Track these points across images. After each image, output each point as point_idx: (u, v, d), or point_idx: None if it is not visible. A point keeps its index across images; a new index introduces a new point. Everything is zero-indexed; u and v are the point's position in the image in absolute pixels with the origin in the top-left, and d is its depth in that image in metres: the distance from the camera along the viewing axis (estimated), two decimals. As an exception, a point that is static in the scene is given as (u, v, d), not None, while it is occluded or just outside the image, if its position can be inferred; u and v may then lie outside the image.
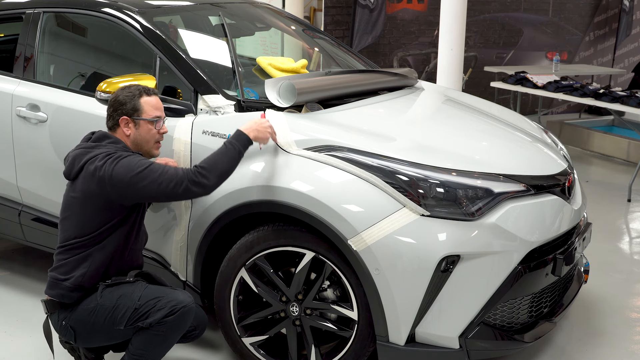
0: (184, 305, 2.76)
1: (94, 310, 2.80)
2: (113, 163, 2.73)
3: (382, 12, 8.52)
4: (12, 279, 4.20)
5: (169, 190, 2.72)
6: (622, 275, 4.44)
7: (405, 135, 3.18)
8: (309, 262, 2.96)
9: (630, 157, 7.24)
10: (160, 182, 2.71)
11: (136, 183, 2.71)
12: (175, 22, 3.95)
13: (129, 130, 2.89)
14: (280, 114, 3.13)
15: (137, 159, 2.77)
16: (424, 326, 2.84)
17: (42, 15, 3.84)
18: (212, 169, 2.76)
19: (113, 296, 2.80)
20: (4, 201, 3.90)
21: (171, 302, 2.74)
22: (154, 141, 2.94)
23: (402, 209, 2.81)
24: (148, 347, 2.77)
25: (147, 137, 2.91)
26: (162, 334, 2.75)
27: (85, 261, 2.82)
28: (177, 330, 2.79)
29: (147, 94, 2.91)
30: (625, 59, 10.38)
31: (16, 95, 3.75)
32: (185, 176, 2.72)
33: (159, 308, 2.73)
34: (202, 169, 2.75)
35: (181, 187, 2.72)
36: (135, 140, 2.90)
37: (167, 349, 2.85)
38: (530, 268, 2.92)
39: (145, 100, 2.89)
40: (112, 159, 2.74)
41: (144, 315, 2.74)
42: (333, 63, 4.39)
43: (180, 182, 2.71)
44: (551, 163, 3.32)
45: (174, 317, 2.73)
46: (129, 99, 2.88)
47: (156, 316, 2.72)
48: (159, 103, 2.95)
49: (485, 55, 9.24)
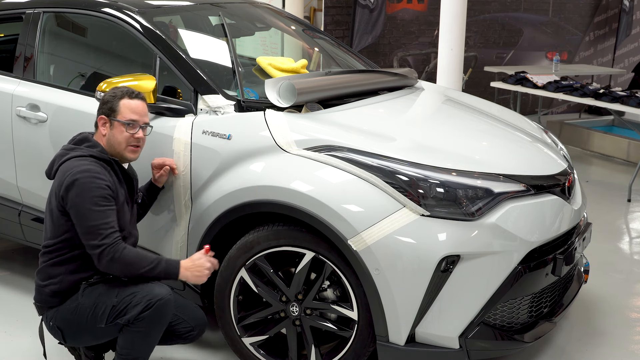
0: (160, 298, 2.73)
1: (76, 310, 2.81)
2: (72, 177, 2.73)
3: (382, 12, 8.52)
4: (12, 279, 4.20)
5: (87, 243, 2.72)
6: (622, 275, 4.44)
7: (405, 135, 3.18)
8: (309, 262, 2.96)
9: (630, 157, 7.24)
10: (88, 230, 2.70)
11: (76, 212, 2.72)
12: (175, 22, 3.95)
13: (104, 130, 2.90)
14: (280, 114, 3.14)
15: (94, 193, 2.71)
16: (424, 326, 2.84)
17: (42, 15, 3.84)
18: (127, 264, 2.71)
19: (93, 295, 2.80)
20: (4, 201, 3.90)
21: (147, 297, 2.72)
22: (127, 145, 2.89)
23: (402, 209, 2.81)
24: (132, 344, 2.76)
25: (120, 139, 2.88)
26: (143, 330, 2.74)
27: (61, 266, 2.83)
28: (157, 325, 2.77)
29: (130, 97, 2.90)
30: (625, 59, 10.38)
31: (16, 95, 3.75)
32: (107, 247, 2.69)
33: (135, 303, 2.71)
34: (120, 259, 2.70)
35: (97, 250, 2.69)
36: (109, 141, 2.90)
37: (152, 344, 2.83)
38: (530, 268, 2.92)
39: (124, 103, 2.88)
40: (73, 173, 2.73)
41: (122, 312, 2.73)
42: (333, 63, 4.39)
43: (100, 246, 2.69)
44: (551, 163, 3.32)
45: (150, 311, 2.71)
46: (110, 98, 2.90)
47: (133, 312, 2.71)
48: (140, 108, 2.92)
49: (485, 55, 9.24)
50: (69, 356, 3.14)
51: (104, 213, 2.72)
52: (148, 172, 3.19)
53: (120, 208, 2.84)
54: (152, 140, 3.26)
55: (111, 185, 2.78)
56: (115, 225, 2.75)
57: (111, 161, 2.87)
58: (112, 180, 2.81)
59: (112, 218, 2.74)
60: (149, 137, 3.26)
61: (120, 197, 2.84)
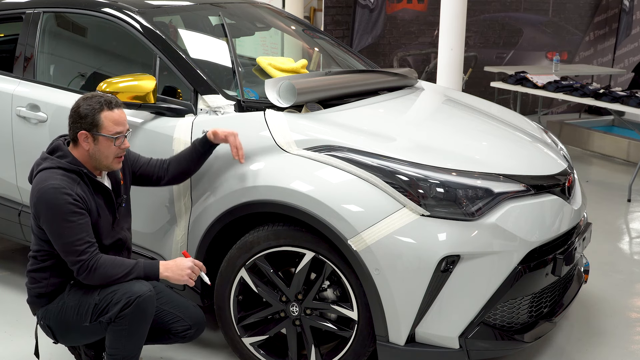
0: (139, 295, 2.69)
1: (63, 309, 2.81)
2: (39, 195, 2.70)
3: (382, 12, 8.52)
4: (12, 279, 4.20)
5: (65, 258, 2.71)
6: (622, 275, 4.44)
7: (405, 135, 3.18)
8: (309, 262, 2.96)
9: (630, 157, 7.24)
10: (63, 248, 2.69)
11: (48, 230, 2.70)
12: (175, 22, 3.94)
13: (87, 146, 2.76)
14: (280, 114, 3.13)
15: (62, 209, 2.66)
16: (424, 326, 2.84)
17: (42, 15, 3.84)
18: (104, 274, 2.70)
19: (77, 294, 2.80)
20: (4, 201, 3.90)
21: (126, 294, 2.70)
22: (114, 157, 2.80)
23: (402, 209, 2.81)
24: (118, 343, 2.75)
25: (107, 153, 2.77)
26: (126, 327, 2.72)
27: (44, 272, 2.84)
28: (140, 322, 2.74)
29: (109, 108, 2.75)
30: (625, 59, 10.38)
31: (16, 95, 3.75)
32: (83, 263, 2.67)
33: (115, 302, 2.70)
34: (97, 271, 2.68)
35: (75, 266, 2.69)
36: (94, 155, 2.78)
37: (138, 342, 2.80)
38: (530, 268, 2.92)
39: (106, 115, 2.74)
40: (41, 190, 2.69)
41: (104, 310, 2.72)
42: (333, 63, 4.39)
43: (77, 262, 2.67)
44: (551, 163, 3.32)
45: (130, 308, 2.69)
46: (89, 111, 2.73)
47: (114, 310, 2.69)
48: (122, 117, 2.79)
49: (485, 55, 9.24)
50: (68, 356, 3.14)
51: (75, 229, 2.68)
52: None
53: (96, 218, 2.79)
54: (152, 140, 3.27)
55: (80, 198, 2.71)
56: (89, 239, 2.71)
57: (80, 172, 2.78)
58: (81, 192, 2.73)
59: (86, 232, 2.70)
60: (149, 137, 3.27)
61: (93, 207, 2.78)
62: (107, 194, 2.87)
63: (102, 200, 2.85)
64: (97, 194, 2.83)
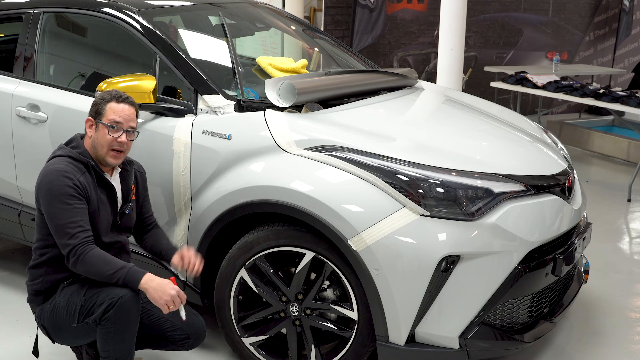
0: (120, 296, 2.67)
1: (54, 309, 2.82)
2: (42, 176, 2.75)
3: (382, 12, 8.52)
4: (12, 279, 4.20)
5: (57, 242, 2.72)
6: (622, 275, 4.44)
7: (405, 135, 3.18)
8: (309, 262, 2.96)
9: (630, 157, 7.24)
10: (57, 229, 2.70)
11: (45, 210, 2.73)
12: (175, 22, 3.95)
13: (90, 132, 2.86)
14: (280, 114, 3.14)
15: (60, 190, 2.70)
16: (424, 326, 2.84)
17: (42, 15, 3.84)
18: (91, 266, 2.69)
19: (67, 294, 2.80)
20: (4, 201, 3.91)
21: (109, 295, 2.68)
22: (109, 148, 2.82)
23: (402, 209, 2.81)
24: (108, 345, 2.73)
25: (102, 141, 2.81)
26: (112, 329, 2.70)
27: (41, 268, 2.85)
28: (125, 323, 2.72)
29: (117, 101, 2.84)
30: (625, 59, 10.38)
31: (16, 95, 3.75)
32: (73, 247, 2.68)
33: (99, 303, 2.69)
34: (84, 261, 2.68)
35: (65, 249, 2.70)
36: (93, 143, 2.84)
37: (128, 343, 2.76)
38: (530, 268, 2.92)
39: (111, 106, 2.83)
40: (44, 173, 2.76)
41: (89, 311, 2.72)
42: (333, 63, 4.39)
43: (67, 245, 2.69)
44: (551, 163, 3.32)
45: (113, 310, 2.67)
46: (99, 100, 2.86)
47: (98, 311, 2.68)
48: (126, 112, 2.85)
49: (485, 55, 9.24)
50: (68, 356, 3.14)
51: (71, 212, 2.69)
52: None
53: (95, 209, 2.80)
54: (152, 140, 3.26)
55: (80, 185, 2.74)
56: (84, 225, 2.71)
57: (88, 164, 2.82)
58: (83, 181, 2.76)
59: (81, 217, 2.71)
60: (149, 137, 3.26)
61: (94, 198, 2.79)
62: (112, 192, 2.89)
63: (105, 196, 2.86)
64: (101, 188, 2.86)
